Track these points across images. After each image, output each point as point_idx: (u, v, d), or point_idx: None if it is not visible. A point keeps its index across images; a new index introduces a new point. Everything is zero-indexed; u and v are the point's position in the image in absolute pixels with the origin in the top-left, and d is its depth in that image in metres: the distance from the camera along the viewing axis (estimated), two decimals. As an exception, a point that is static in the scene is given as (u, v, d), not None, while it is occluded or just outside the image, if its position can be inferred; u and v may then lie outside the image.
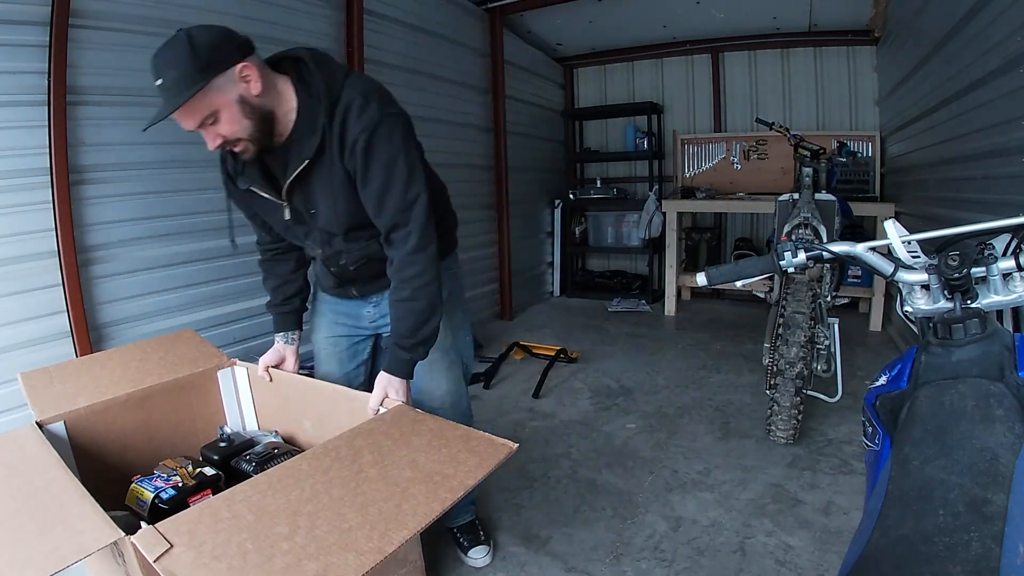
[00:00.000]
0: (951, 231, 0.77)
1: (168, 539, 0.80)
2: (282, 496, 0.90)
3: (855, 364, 3.08)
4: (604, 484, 2.03)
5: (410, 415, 1.20)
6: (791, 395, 2.15)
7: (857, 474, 2.00)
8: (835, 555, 1.59)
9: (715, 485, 2.00)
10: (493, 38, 4.18)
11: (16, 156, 1.82)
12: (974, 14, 2.17)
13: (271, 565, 0.75)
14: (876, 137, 4.18)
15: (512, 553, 1.68)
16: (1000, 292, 0.74)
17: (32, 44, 1.82)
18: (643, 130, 4.91)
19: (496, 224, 4.35)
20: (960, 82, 2.35)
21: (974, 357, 0.71)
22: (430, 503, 0.89)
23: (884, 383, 0.81)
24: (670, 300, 4.41)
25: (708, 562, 1.61)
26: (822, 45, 4.42)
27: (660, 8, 4.16)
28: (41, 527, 0.87)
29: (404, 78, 3.40)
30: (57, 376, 1.43)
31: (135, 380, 1.43)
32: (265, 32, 2.57)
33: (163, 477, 1.27)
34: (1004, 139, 1.96)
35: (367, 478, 0.95)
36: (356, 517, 0.85)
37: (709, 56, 4.80)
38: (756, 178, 4.60)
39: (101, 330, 2.05)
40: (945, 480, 0.61)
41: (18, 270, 1.83)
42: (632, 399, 2.79)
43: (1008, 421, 0.64)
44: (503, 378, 3.12)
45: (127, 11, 2.06)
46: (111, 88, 2.04)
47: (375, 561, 0.76)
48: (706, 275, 0.96)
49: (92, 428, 1.33)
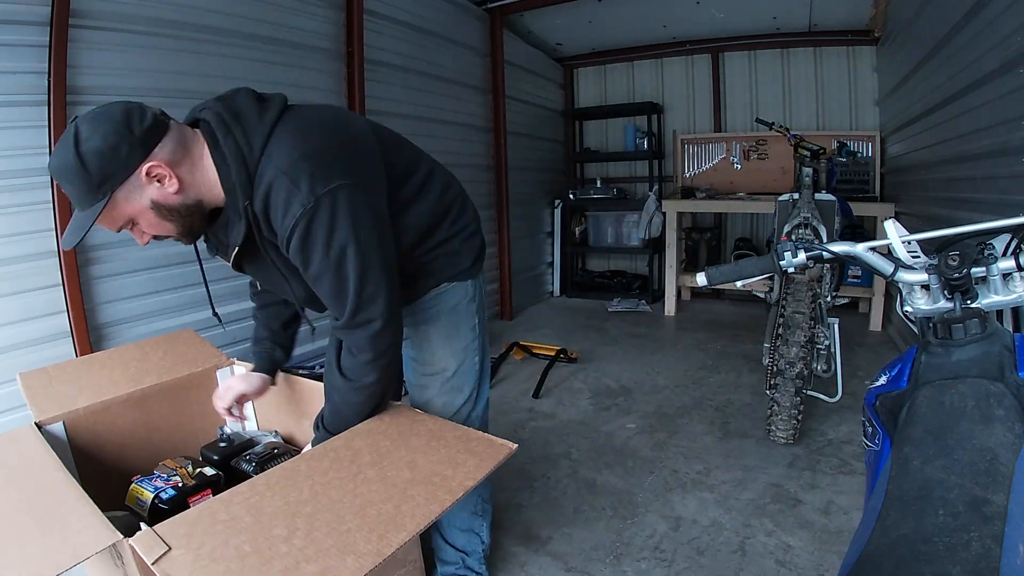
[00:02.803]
0: (951, 231, 0.77)
1: (166, 541, 0.79)
2: (280, 498, 0.90)
3: (855, 364, 3.08)
4: (604, 484, 2.03)
5: (408, 415, 1.19)
6: (791, 395, 2.15)
7: (857, 474, 2.00)
8: (835, 555, 1.59)
9: (715, 485, 2.00)
10: (493, 38, 4.18)
11: (16, 156, 1.81)
12: (974, 14, 2.17)
13: (269, 568, 0.75)
14: (876, 137, 4.18)
15: (512, 553, 1.68)
16: (1000, 292, 0.74)
17: (32, 44, 1.82)
18: (643, 130, 4.91)
19: (496, 224, 4.35)
20: (960, 82, 2.34)
21: (974, 357, 0.71)
22: (429, 505, 0.89)
23: (884, 383, 0.81)
24: (670, 300, 4.41)
25: (708, 562, 1.61)
26: (822, 45, 4.42)
27: (660, 8, 4.16)
28: (39, 529, 0.87)
29: (404, 78, 3.40)
30: (56, 376, 1.43)
31: (135, 380, 1.43)
32: (265, 32, 2.57)
33: (163, 477, 1.27)
34: (1004, 139, 1.96)
35: (366, 479, 0.95)
36: (354, 519, 0.85)
37: (709, 56, 4.81)
38: (756, 178, 4.60)
39: (101, 330, 2.05)
40: (945, 480, 0.61)
41: (18, 270, 1.83)
42: (632, 399, 2.79)
43: (1008, 421, 0.64)
44: (503, 378, 3.12)
45: (127, 11, 2.06)
46: (111, 88, 2.03)
47: (374, 563, 0.76)
48: (706, 275, 0.96)
49: (91, 428, 1.33)
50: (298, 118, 1.03)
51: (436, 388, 1.35)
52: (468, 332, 1.35)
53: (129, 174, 0.94)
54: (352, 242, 0.98)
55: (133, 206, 0.97)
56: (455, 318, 1.32)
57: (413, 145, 1.28)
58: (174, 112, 1.04)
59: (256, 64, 2.53)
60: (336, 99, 2.97)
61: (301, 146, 0.97)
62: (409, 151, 1.23)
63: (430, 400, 1.35)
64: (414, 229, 1.19)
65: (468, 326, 1.35)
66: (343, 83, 2.99)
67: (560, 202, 5.12)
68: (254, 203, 0.98)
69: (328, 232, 0.96)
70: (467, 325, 1.34)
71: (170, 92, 2.20)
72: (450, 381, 1.34)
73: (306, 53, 2.78)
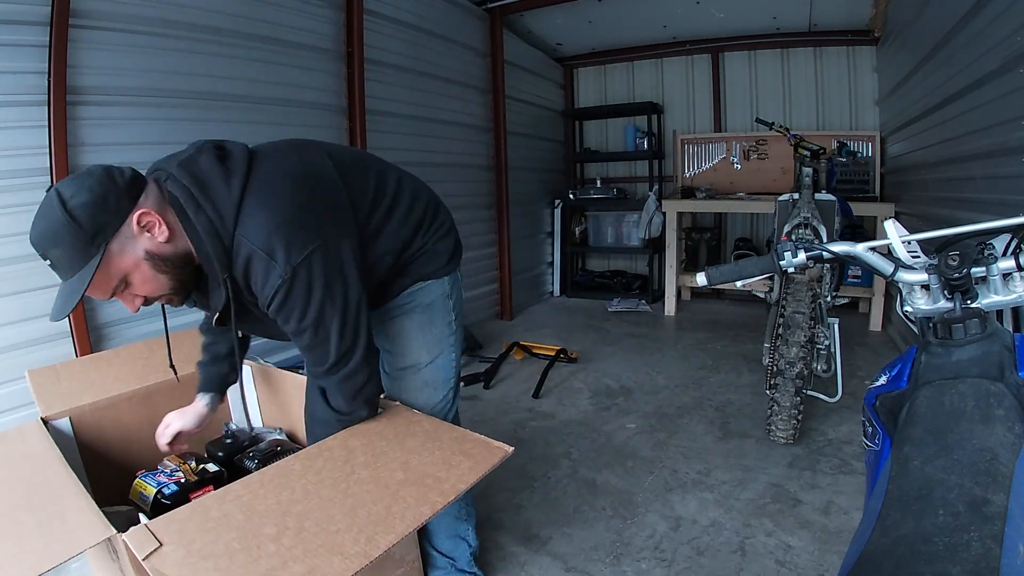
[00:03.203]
0: (951, 231, 0.77)
1: (158, 537, 0.80)
2: (273, 496, 0.91)
3: (855, 364, 3.08)
4: (604, 484, 2.03)
5: (406, 415, 1.19)
6: (791, 395, 2.15)
7: (857, 474, 2.00)
8: (835, 555, 1.59)
9: (715, 485, 2.00)
10: (493, 38, 4.18)
11: (16, 156, 1.82)
12: (974, 14, 2.17)
13: (256, 566, 0.75)
14: (876, 137, 4.18)
15: (512, 553, 1.68)
16: (1000, 292, 0.74)
17: (32, 44, 1.82)
18: (643, 130, 4.91)
19: (496, 224, 4.35)
20: (960, 82, 2.35)
21: (974, 357, 0.71)
22: (420, 506, 0.89)
23: (884, 383, 0.81)
24: (670, 300, 4.41)
25: (708, 562, 1.61)
26: (822, 45, 4.42)
27: (660, 8, 4.16)
28: (37, 523, 0.87)
29: (404, 78, 3.40)
30: (63, 373, 1.45)
31: (140, 377, 1.44)
32: (265, 32, 2.57)
33: (166, 473, 1.28)
34: (1004, 139, 1.96)
35: (358, 480, 0.95)
36: (344, 519, 0.85)
37: (709, 56, 4.81)
38: (756, 178, 4.61)
39: (101, 330, 2.05)
40: (945, 480, 0.61)
41: (18, 270, 1.83)
42: (632, 399, 2.79)
43: (1008, 421, 0.64)
44: (503, 378, 3.12)
45: (127, 11, 2.06)
46: (111, 88, 2.04)
47: (360, 565, 0.76)
48: (706, 275, 0.96)
49: (97, 424, 1.34)
50: (264, 179, 1.03)
51: (410, 384, 1.33)
52: (444, 327, 1.34)
53: (121, 222, 0.93)
54: (329, 301, 1.02)
55: (127, 259, 0.96)
56: (430, 313, 1.31)
57: (374, 160, 1.27)
58: (174, 112, 1.04)
59: (256, 64, 2.54)
60: (336, 99, 2.97)
61: (273, 217, 0.98)
62: (373, 172, 1.22)
63: (404, 398, 1.33)
64: (391, 251, 1.21)
65: (444, 321, 1.34)
66: (343, 83, 2.99)
67: (560, 202, 5.12)
68: (233, 274, 1.01)
69: (306, 297, 1.01)
70: (443, 320, 1.33)
71: (170, 92, 2.20)
72: (424, 374, 1.33)
73: (306, 53, 2.78)
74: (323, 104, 2.91)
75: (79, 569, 1.53)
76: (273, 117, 2.63)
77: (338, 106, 2.99)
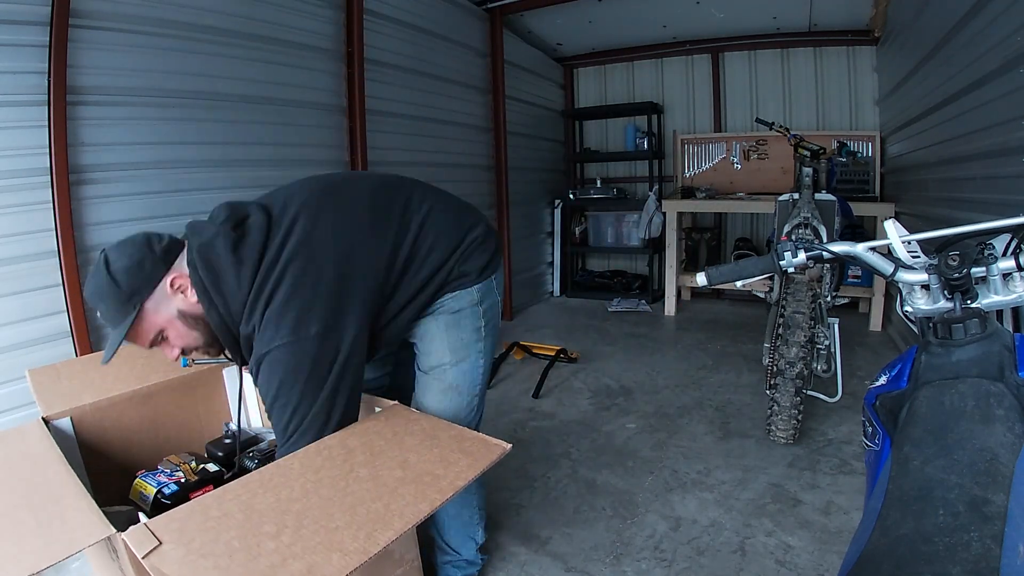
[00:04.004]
0: (951, 231, 0.77)
1: (157, 536, 0.80)
2: (272, 495, 0.91)
3: (855, 364, 3.08)
4: (604, 484, 2.03)
5: (404, 414, 1.20)
6: (791, 395, 2.15)
7: (857, 474, 2.00)
8: (835, 555, 1.59)
9: (715, 485, 2.00)
10: (493, 38, 4.18)
11: (16, 156, 1.82)
12: (974, 14, 2.17)
13: (256, 564, 0.76)
14: (876, 137, 4.18)
15: (512, 553, 1.68)
16: (1000, 292, 0.74)
17: (32, 44, 1.82)
18: (643, 130, 4.91)
19: (496, 224, 4.35)
20: (960, 82, 2.34)
21: (974, 357, 0.71)
22: (418, 504, 0.89)
23: (884, 383, 0.81)
24: (670, 300, 4.41)
25: (708, 562, 1.61)
26: (822, 45, 4.42)
27: (660, 8, 4.16)
28: (36, 522, 0.87)
29: (404, 78, 3.40)
30: (64, 373, 1.45)
31: (141, 377, 1.44)
32: (265, 32, 2.57)
33: (166, 472, 1.28)
34: (1004, 139, 1.96)
35: (357, 478, 0.95)
36: (343, 517, 0.85)
37: (709, 56, 4.81)
38: (756, 178, 4.61)
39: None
40: (945, 480, 0.61)
41: (18, 270, 1.83)
42: (632, 399, 2.79)
43: (1008, 421, 0.64)
44: (503, 378, 3.12)
45: (127, 11, 2.06)
46: (111, 88, 2.04)
47: (359, 562, 0.76)
48: (706, 275, 0.96)
49: (98, 424, 1.34)
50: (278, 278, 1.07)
51: (435, 386, 1.35)
52: (471, 332, 1.35)
53: (155, 286, 1.07)
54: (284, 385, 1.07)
55: (161, 316, 1.09)
56: (458, 317, 1.33)
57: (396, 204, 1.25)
58: (174, 112, 1.05)
59: (256, 64, 2.54)
60: (336, 99, 2.97)
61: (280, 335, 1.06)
62: (396, 219, 1.22)
63: (429, 401, 1.35)
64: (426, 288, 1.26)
65: (472, 326, 1.35)
66: (343, 83, 3.00)
67: (560, 202, 5.12)
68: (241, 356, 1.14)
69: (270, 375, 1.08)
70: (471, 325, 1.35)
71: (170, 92, 2.20)
72: (449, 377, 1.34)
73: (306, 53, 2.78)
74: (323, 104, 2.91)
75: (79, 568, 1.54)
76: (273, 117, 2.63)
77: (338, 106, 2.99)
